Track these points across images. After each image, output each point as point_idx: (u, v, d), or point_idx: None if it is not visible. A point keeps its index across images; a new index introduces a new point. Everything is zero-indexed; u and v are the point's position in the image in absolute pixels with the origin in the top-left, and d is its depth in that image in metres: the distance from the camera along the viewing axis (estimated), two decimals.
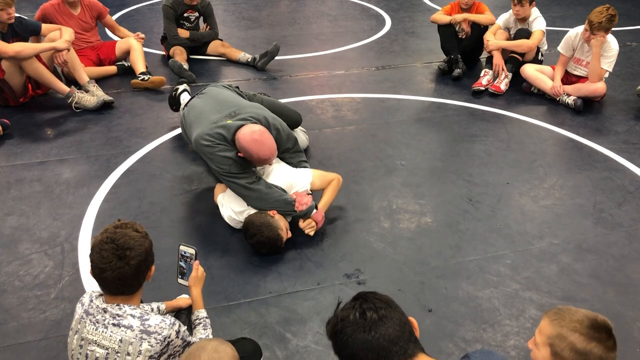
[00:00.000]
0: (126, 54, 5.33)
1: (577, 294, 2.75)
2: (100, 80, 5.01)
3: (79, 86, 4.73)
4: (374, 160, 3.91)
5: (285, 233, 2.98)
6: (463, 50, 5.40)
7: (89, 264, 1.88)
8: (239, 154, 2.96)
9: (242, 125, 2.96)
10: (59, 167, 3.75)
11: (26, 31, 4.62)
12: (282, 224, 2.97)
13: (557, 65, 4.86)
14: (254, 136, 2.88)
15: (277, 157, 3.22)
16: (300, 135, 3.87)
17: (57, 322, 2.52)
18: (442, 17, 5.37)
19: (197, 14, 5.58)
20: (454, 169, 3.81)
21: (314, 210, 3.07)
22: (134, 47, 5.23)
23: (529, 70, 4.93)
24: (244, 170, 2.98)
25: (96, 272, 1.87)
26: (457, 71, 5.25)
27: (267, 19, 7.31)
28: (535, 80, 4.90)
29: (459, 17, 5.27)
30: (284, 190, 3.07)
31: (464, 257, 2.99)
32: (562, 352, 1.63)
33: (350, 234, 3.15)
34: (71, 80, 4.91)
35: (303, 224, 3.06)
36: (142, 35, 5.49)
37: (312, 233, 3.06)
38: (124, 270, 1.85)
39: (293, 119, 3.77)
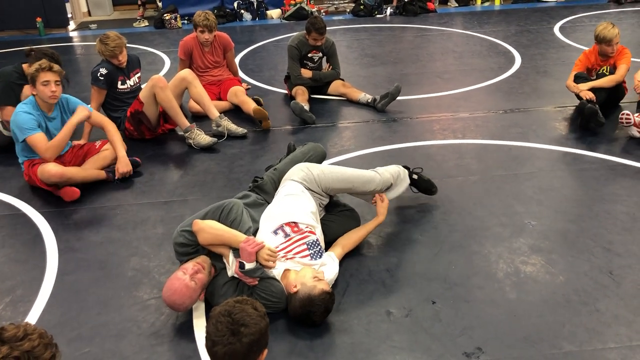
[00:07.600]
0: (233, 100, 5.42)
1: None
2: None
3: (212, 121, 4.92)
4: (500, 217, 3.62)
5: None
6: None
7: (205, 334, 1.85)
8: None
9: None
10: (182, 208, 3.86)
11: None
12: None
13: None
14: (170, 281, 2.78)
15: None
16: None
17: None
18: (573, 85, 5.04)
19: (320, 54, 5.61)
20: (592, 234, 3.42)
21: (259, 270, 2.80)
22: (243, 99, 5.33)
23: None
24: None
25: (208, 345, 1.85)
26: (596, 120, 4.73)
27: (389, 56, 7.23)
28: None
29: (583, 87, 4.91)
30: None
31: (604, 343, 2.63)
32: None
33: (472, 305, 2.90)
34: (199, 117, 5.14)
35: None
36: (248, 86, 5.95)
37: (272, 265, 2.78)
38: (235, 347, 1.81)
39: (318, 152, 3.68)
